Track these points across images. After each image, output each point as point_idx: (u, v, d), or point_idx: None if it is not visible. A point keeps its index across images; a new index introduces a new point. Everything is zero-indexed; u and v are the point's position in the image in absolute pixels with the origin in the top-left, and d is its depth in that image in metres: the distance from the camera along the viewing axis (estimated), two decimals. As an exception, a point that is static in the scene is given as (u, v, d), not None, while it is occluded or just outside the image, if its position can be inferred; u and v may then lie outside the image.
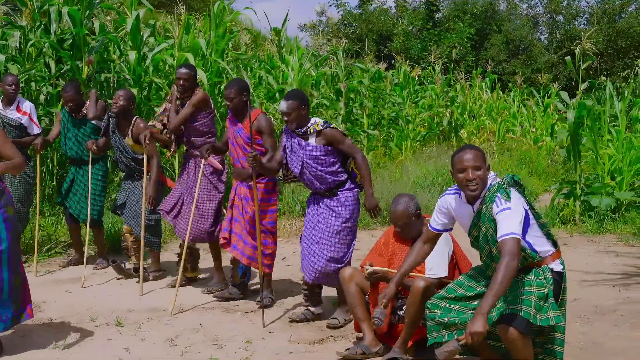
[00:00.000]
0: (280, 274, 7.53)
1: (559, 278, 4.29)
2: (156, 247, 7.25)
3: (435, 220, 4.58)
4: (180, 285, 6.66)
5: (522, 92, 21.93)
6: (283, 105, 5.75)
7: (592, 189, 10.72)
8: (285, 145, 5.91)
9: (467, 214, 4.38)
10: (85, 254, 7.28)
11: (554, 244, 4.36)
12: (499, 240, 4.04)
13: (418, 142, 16.79)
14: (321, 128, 5.76)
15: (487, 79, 20.68)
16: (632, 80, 15.84)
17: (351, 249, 5.92)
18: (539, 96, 21.21)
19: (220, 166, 6.71)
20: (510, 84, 24.86)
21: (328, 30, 32.10)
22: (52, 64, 9.91)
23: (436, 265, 4.97)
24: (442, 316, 4.37)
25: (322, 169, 5.76)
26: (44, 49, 9.97)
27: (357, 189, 5.93)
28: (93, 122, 7.49)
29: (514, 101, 20.80)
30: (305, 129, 5.78)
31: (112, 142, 7.15)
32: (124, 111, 7.02)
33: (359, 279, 5.23)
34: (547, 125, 18.70)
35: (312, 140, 5.78)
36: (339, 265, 5.80)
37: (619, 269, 7.89)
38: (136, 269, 7.16)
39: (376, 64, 17.24)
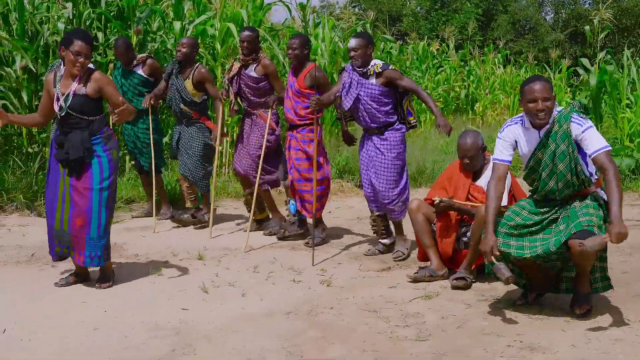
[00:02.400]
0: (332, 221, 8.08)
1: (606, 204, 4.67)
2: (205, 190, 7.75)
3: (503, 153, 4.80)
4: (251, 230, 7.30)
5: (533, 68, 22.42)
6: (353, 41, 6.29)
7: (612, 150, 11.22)
8: (345, 82, 6.45)
9: (534, 138, 4.67)
10: (153, 205, 7.82)
11: (597, 172, 4.75)
12: (595, 154, 4.42)
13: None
14: (380, 70, 6.30)
15: (499, 54, 21.19)
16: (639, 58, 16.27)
17: (402, 184, 6.47)
18: (550, 71, 21.70)
19: (266, 117, 7.16)
20: (520, 61, 25.33)
21: (333, 13, 32.50)
22: (100, 35, 10.40)
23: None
24: (502, 246, 4.62)
25: (377, 107, 6.31)
26: (93, 21, 10.44)
27: (404, 130, 6.49)
28: (141, 72, 7.99)
29: (526, 75, 21.28)
30: (366, 69, 6.31)
31: (171, 86, 7.62)
32: (187, 58, 7.53)
33: (426, 210, 5.76)
34: (560, 98, 19.17)
35: (372, 80, 6.32)
36: (393, 199, 6.41)
37: (646, 217, 8.44)
38: (193, 216, 7.74)
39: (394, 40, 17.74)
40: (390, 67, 6.36)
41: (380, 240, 6.68)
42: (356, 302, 5.10)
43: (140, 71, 7.97)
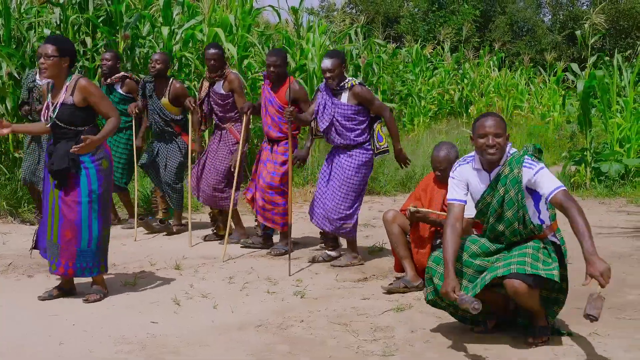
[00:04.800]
0: (307, 230, 8.08)
1: (557, 248, 4.43)
2: (178, 208, 7.86)
3: (457, 192, 4.55)
4: (207, 240, 7.44)
5: (529, 70, 22.40)
6: (327, 62, 6.26)
7: (601, 155, 11.24)
8: (319, 103, 6.43)
9: (484, 180, 4.44)
10: (136, 213, 7.80)
11: (553, 217, 4.50)
12: (552, 196, 4.14)
13: (429, 119, 17.27)
14: (357, 83, 6.29)
15: (495, 57, 21.17)
16: (635, 60, 16.22)
17: (355, 206, 6.46)
18: (546, 74, 21.67)
19: (238, 136, 7.07)
20: (517, 63, 25.32)
21: (330, 15, 32.51)
22: (88, 40, 10.40)
23: (469, 206, 5.47)
24: (439, 278, 4.39)
25: (351, 126, 6.33)
26: (81, 26, 10.44)
27: (371, 153, 6.46)
28: (121, 91, 8.00)
29: (521, 78, 21.28)
30: (343, 84, 6.31)
31: (150, 107, 7.64)
32: (161, 74, 7.53)
33: (401, 221, 5.75)
34: (554, 102, 19.17)
35: (344, 99, 6.31)
36: (343, 216, 6.42)
37: (631, 224, 8.43)
38: (162, 221, 7.84)
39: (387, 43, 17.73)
40: (364, 86, 6.36)
41: (327, 251, 6.72)
42: (327, 314, 5.09)
43: (119, 89, 7.98)
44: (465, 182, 4.55)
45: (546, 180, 4.23)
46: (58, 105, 5.21)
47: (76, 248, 5.25)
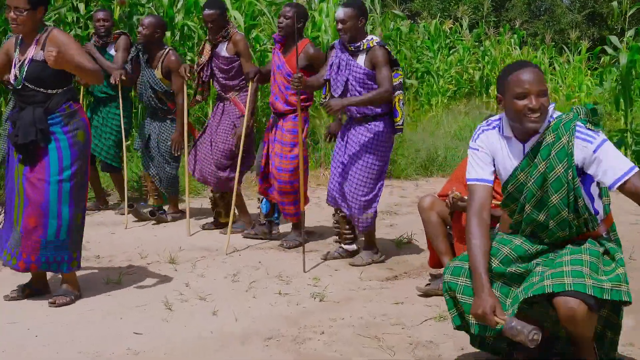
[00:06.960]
0: (322, 218, 7.14)
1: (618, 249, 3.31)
2: (174, 193, 6.88)
3: (483, 169, 3.33)
4: (206, 229, 6.53)
5: (550, 49, 21.31)
6: (340, 12, 5.23)
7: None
8: (332, 63, 5.43)
9: (516, 153, 3.28)
10: (126, 198, 6.83)
11: (607, 208, 3.39)
12: (622, 181, 3.03)
13: (447, 99, 16.26)
14: (375, 44, 5.26)
15: (515, 35, 20.07)
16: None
17: (375, 192, 5.40)
18: (570, 53, 20.59)
19: (242, 108, 6.17)
20: (537, 42, 24.22)
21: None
22: (81, 6, 9.46)
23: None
24: (462, 292, 3.23)
25: (366, 93, 5.28)
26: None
27: (391, 129, 5.41)
28: (112, 53, 7.03)
29: (543, 57, 20.20)
30: (359, 44, 5.28)
31: (141, 76, 6.68)
32: (152, 40, 6.52)
33: (440, 208, 4.75)
34: (580, 82, 18.15)
35: (361, 61, 5.27)
36: (361, 205, 5.36)
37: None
38: (152, 213, 6.83)
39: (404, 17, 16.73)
40: (384, 48, 5.26)
41: (343, 244, 5.67)
42: (353, 323, 4.13)
43: (112, 51, 7.01)
44: (489, 153, 3.35)
45: (613, 158, 3.06)
46: (27, 62, 4.27)
47: (41, 238, 4.28)
